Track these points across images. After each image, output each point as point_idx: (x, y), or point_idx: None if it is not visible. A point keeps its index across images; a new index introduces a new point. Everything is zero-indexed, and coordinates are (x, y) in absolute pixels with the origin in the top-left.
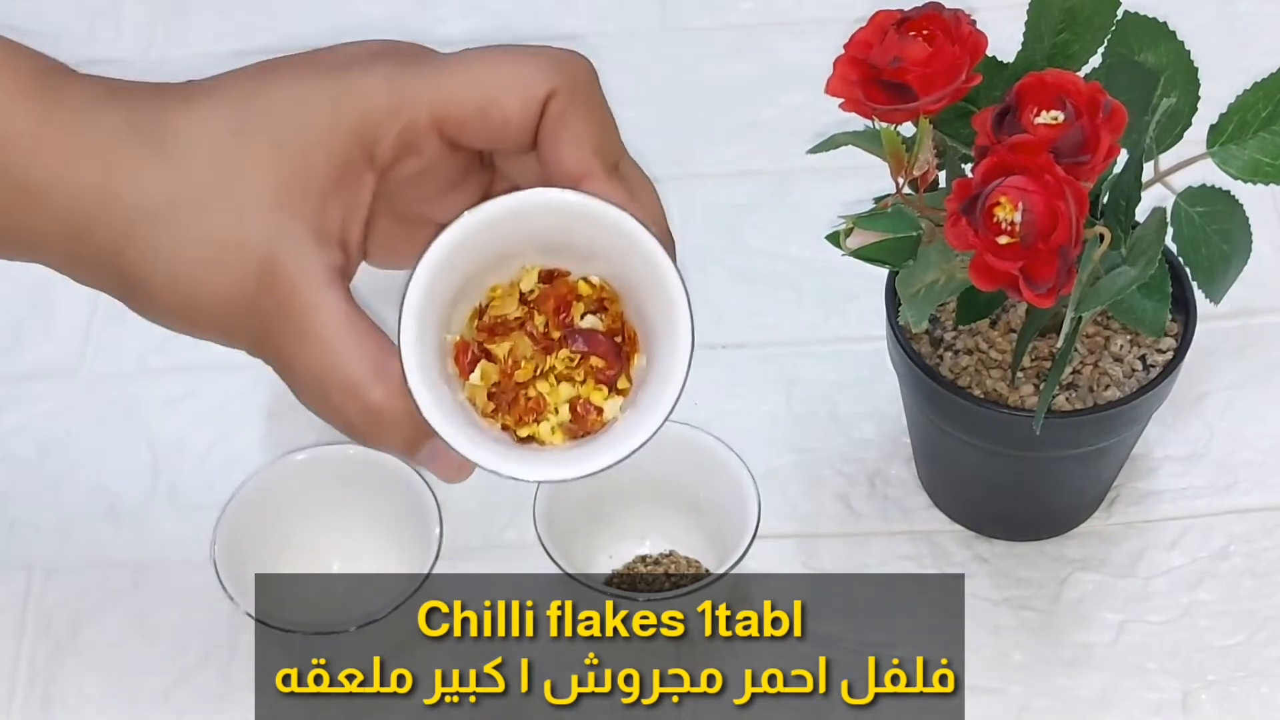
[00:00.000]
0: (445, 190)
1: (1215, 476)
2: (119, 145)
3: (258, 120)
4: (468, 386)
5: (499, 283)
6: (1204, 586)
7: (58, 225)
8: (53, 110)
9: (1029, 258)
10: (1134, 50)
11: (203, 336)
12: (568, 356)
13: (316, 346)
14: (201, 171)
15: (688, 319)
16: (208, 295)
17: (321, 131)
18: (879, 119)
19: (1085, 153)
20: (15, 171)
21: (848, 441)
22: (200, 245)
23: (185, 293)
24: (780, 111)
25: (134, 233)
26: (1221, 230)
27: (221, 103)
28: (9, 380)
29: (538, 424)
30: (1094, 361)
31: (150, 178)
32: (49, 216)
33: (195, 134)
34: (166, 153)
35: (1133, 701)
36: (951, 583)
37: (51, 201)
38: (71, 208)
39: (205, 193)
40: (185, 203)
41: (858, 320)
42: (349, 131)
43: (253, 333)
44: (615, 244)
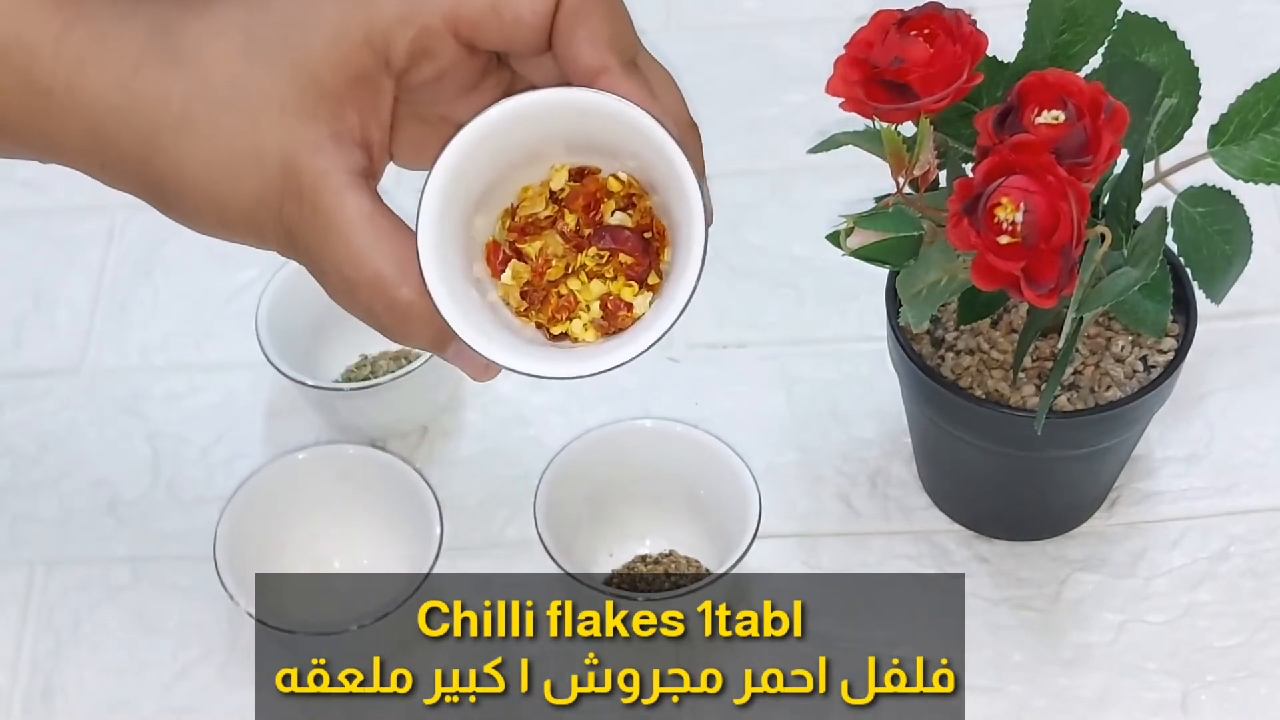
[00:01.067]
0: (466, 91)
1: (1216, 477)
2: (139, 55)
3: (268, 32)
4: (500, 286)
5: (530, 183)
6: (1204, 587)
7: (83, 132)
8: (75, 19)
9: (1031, 258)
10: (1135, 50)
11: (235, 239)
12: (597, 254)
13: (342, 245)
14: (217, 82)
15: (701, 213)
16: (233, 201)
17: (329, 41)
18: (880, 118)
19: (1087, 153)
20: (41, 79)
21: (848, 441)
22: (221, 153)
23: (212, 199)
24: (782, 110)
25: (158, 141)
26: (1223, 230)
27: (235, 13)
28: (11, 376)
29: (570, 321)
30: (1095, 362)
31: (170, 87)
32: (75, 124)
33: (209, 45)
34: (184, 63)
35: (1132, 701)
36: (951, 582)
37: (76, 109)
38: (95, 116)
39: (221, 102)
40: (203, 113)
41: (858, 320)
42: (358, 41)
43: (281, 235)
44: (634, 140)
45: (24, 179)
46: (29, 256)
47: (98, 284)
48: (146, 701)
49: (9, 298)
